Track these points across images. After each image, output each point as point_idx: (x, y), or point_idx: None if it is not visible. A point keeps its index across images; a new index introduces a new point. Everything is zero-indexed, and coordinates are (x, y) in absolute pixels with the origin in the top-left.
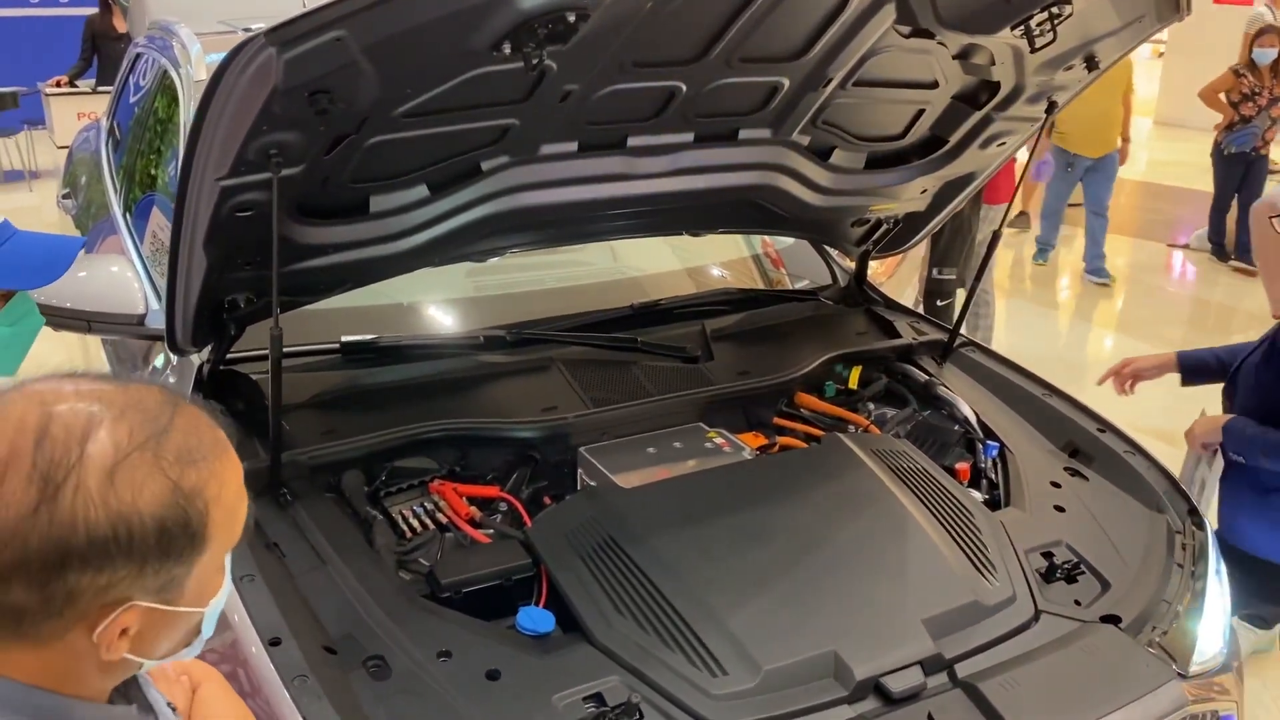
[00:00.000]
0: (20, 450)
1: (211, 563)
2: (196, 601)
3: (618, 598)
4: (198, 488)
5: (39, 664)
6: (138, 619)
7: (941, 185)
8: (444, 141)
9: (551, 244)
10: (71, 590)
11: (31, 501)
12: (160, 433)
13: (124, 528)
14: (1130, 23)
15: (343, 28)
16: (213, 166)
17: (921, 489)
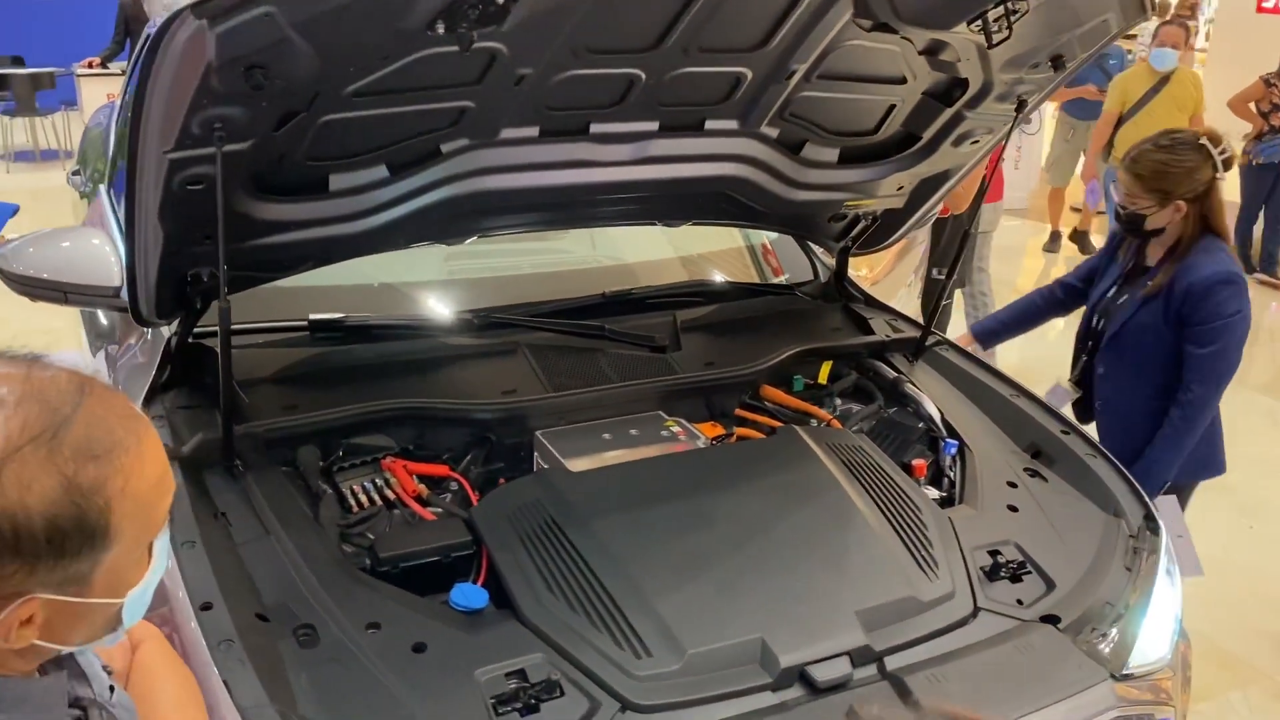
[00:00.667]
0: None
1: (124, 555)
2: (109, 593)
3: (551, 577)
4: (97, 483)
5: None
6: (41, 609)
7: (918, 183)
8: (400, 122)
9: (520, 229)
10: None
11: None
12: (60, 425)
13: (9, 526)
14: (1094, 22)
15: (271, 3)
16: (158, 139)
17: (871, 484)
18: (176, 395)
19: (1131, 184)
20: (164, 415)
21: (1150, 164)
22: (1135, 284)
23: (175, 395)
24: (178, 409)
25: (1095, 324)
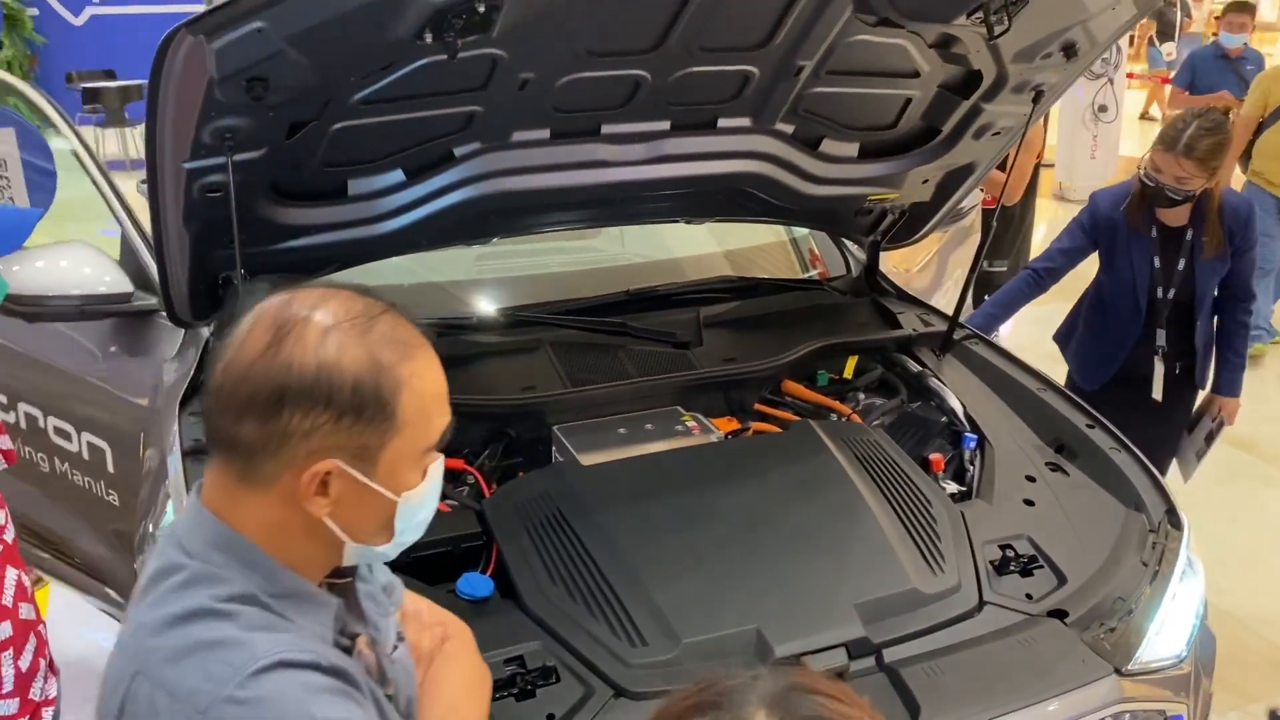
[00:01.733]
0: (266, 315)
1: (405, 449)
2: (389, 484)
3: (554, 567)
4: (392, 365)
5: (259, 515)
6: (336, 480)
7: (943, 175)
8: (411, 127)
9: (542, 230)
10: (285, 429)
11: (264, 345)
12: (371, 316)
13: (326, 377)
14: (1103, 11)
15: (261, 19)
16: (174, 150)
17: (883, 477)
18: None
19: (1192, 168)
20: (200, 412)
21: (1207, 147)
22: (1180, 245)
23: None
24: None
25: (1165, 295)
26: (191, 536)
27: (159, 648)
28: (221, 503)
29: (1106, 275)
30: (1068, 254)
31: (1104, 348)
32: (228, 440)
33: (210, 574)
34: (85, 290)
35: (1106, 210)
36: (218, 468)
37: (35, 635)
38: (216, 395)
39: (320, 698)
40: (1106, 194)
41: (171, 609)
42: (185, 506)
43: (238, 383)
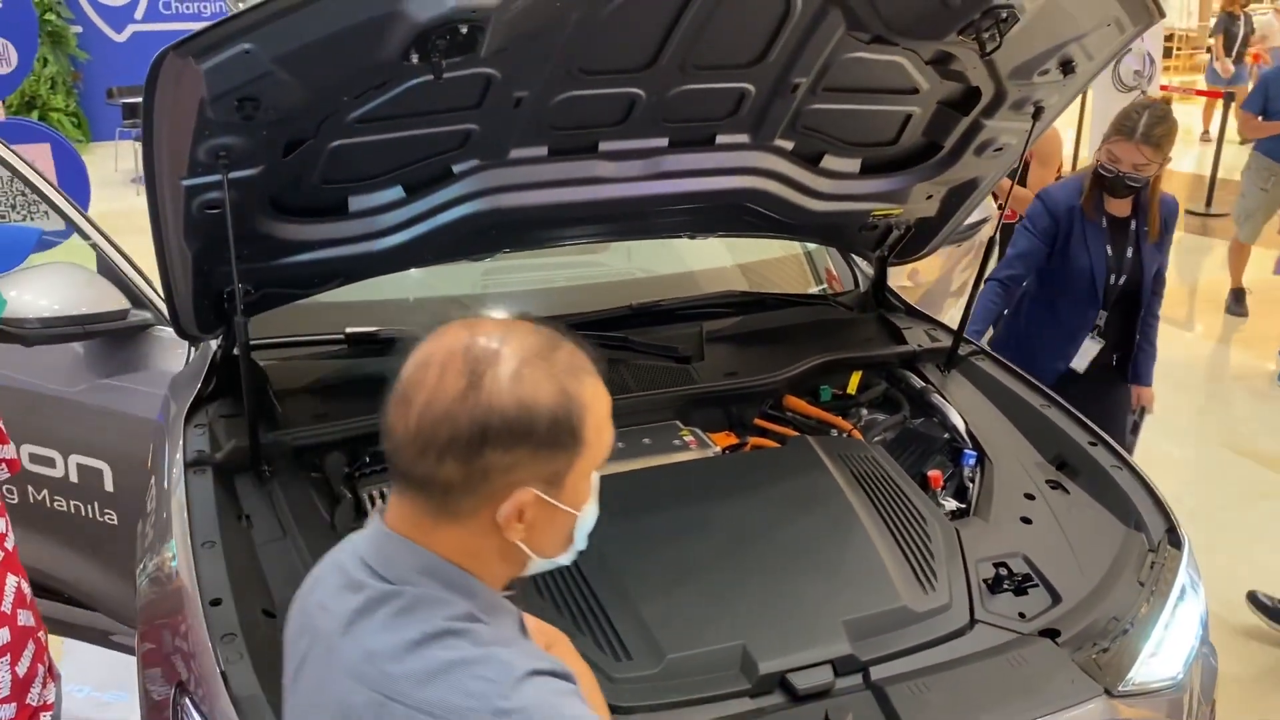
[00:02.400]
0: (455, 354)
1: (583, 468)
2: (572, 503)
3: (542, 580)
4: (577, 394)
5: (455, 542)
6: (531, 506)
7: (947, 191)
8: (409, 145)
9: (545, 245)
10: (485, 467)
11: (460, 389)
12: (552, 349)
13: (526, 414)
14: (1098, 28)
15: (248, 41)
16: (171, 168)
17: (877, 494)
18: (220, 405)
19: (1150, 154)
20: (206, 424)
21: (1161, 133)
22: (1125, 233)
23: (219, 405)
24: (220, 417)
25: (1116, 281)
26: (393, 564)
27: (407, 673)
28: (416, 533)
29: (1062, 267)
30: (1025, 258)
31: (1058, 340)
32: (423, 479)
33: (429, 597)
34: (81, 309)
35: (1064, 204)
36: (410, 502)
37: (34, 641)
38: (414, 438)
39: (568, 700)
40: (1058, 190)
41: (406, 634)
42: (367, 537)
43: (437, 425)
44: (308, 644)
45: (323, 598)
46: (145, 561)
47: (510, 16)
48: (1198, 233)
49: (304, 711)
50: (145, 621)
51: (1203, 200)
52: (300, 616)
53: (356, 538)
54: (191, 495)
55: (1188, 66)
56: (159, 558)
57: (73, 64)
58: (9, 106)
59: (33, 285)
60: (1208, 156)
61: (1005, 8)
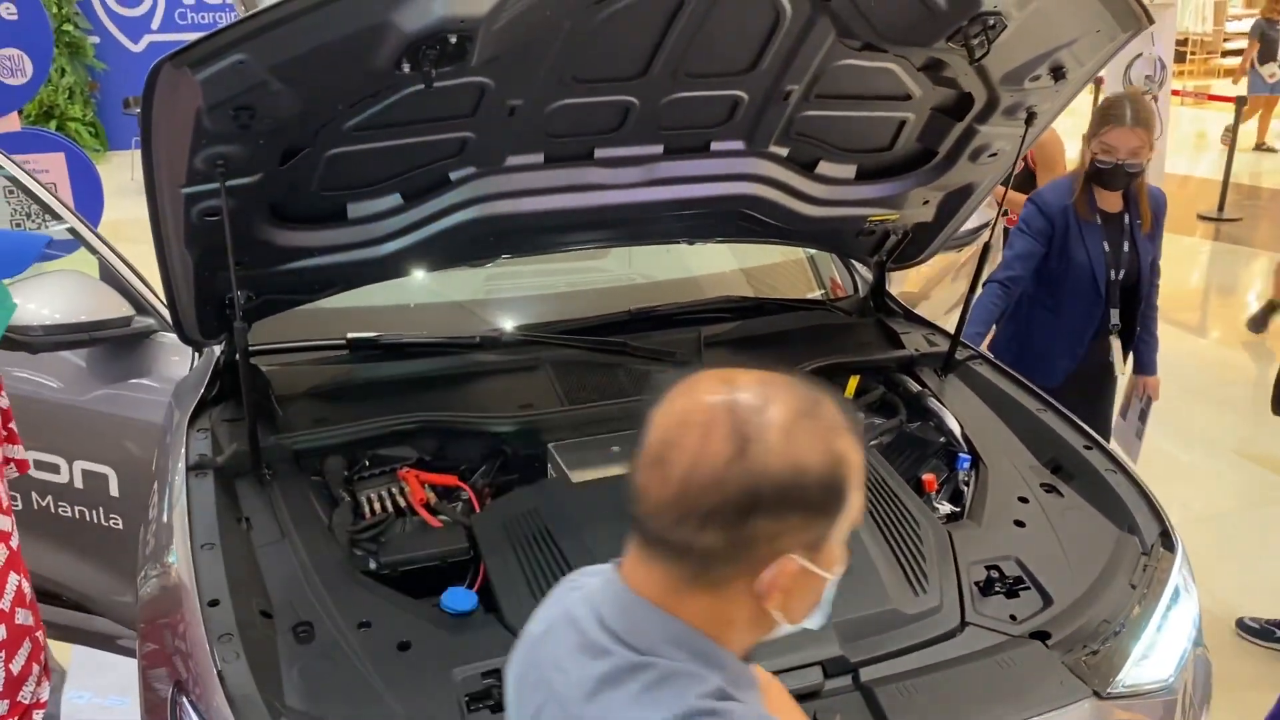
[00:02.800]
0: (718, 414)
1: (841, 531)
2: (828, 566)
3: (536, 582)
4: (843, 454)
5: (706, 610)
6: (791, 574)
7: (943, 196)
8: (405, 153)
9: (544, 251)
10: (751, 535)
11: (729, 454)
12: (815, 406)
13: (798, 478)
14: (1086, 34)
15: (241, 51)
16: (171, 177)
17: (871, 498)
18: (222, 409)
19: (1145, 135)
20: (209, 428)
21: (1148, 114)
22: (1119, 228)
23: (222, 409)
24: (222, 422)
25: (1116, 276)
26: (639, 632)
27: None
28: (664, 599)
29: (1062, 267)
30: (1023, 259)
31: (1065, 340)
32: (680, 546)
33: (680, 671)
34: (86, 317)
35: (1056, 204)
36: (660, 568)
37: (31, 640)
38: (673, 504)
39: None
40: (1049, 191)
41: (659, 713)
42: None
43: (702, 493)
44: (542, 701)
45: (557, 655)
46: (146, 565)
47: (499, 27)
48: (1210, 238)
49: None
50: (145, 622)
51: (1215, 205)
52: (532, 669)
53: (592, 583)
54: (192, 498)
55: (1202, 71)
56: (160, 560)
57: (90, 74)
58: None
59: (37, 293)
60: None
61: (993, 15)
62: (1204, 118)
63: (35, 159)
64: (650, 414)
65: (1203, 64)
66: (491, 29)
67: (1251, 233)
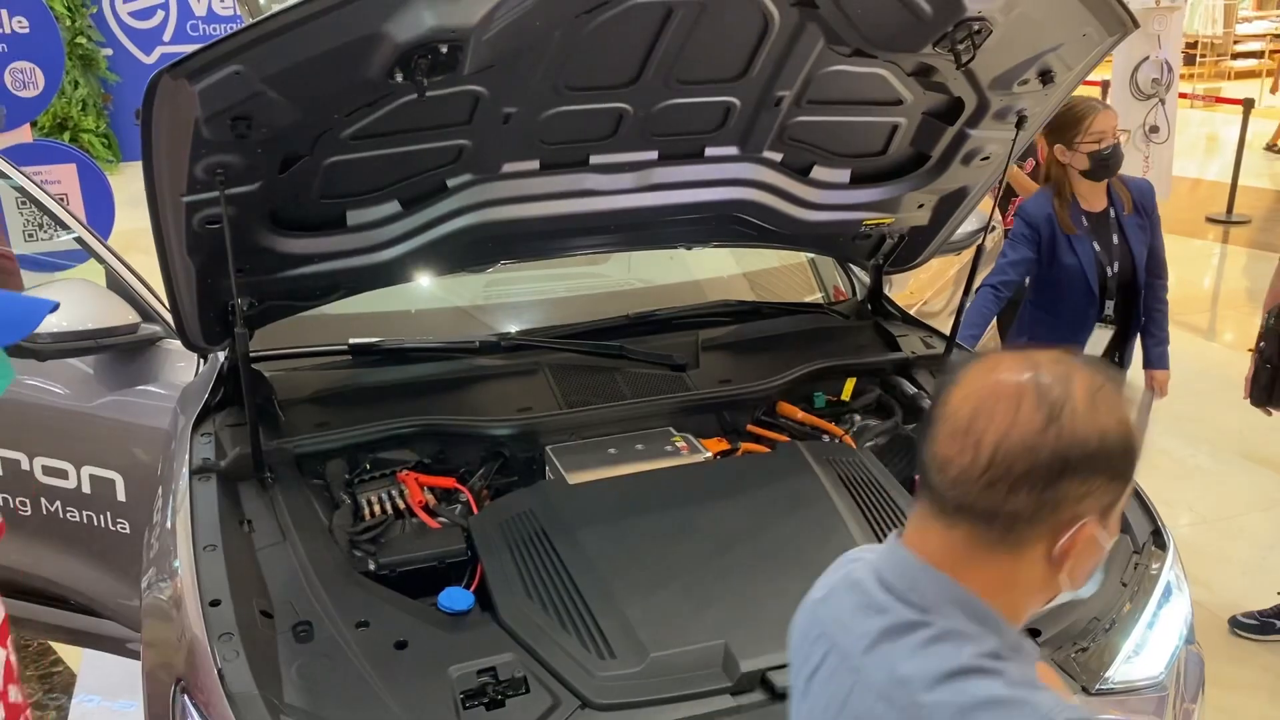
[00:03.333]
0: (1025, 388)
1: (1125, 500)
2: (1111, 534)
3: (531, 582)
4: (1134, 424)
5: (996, 575)
6: (1085, 539)
7: (937, 200)
8: (403, 160)
9: (542, 257)
10: (1058, 498)
11: (1041, 422)
12: (1106, 379)
13: (1102, 444)
14: (1073, 38)
15: (237, 62)
16: (172, 185)
17: (864, 498)
18: (226, 414)
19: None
20: (212, 433)
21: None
22: (1106, 223)
23: (225, 414)
24: (226, 427)
25: (1111, 273)
26: (921, 592)
27: (939, 703)
28: (949, 564)
29: (1053, 271)
30: (1016, 265)
31: (1065, 340)
32: (988, 510)
33: (958, 630)
34: (92, 324)
35: (1040, 214)
36: (958, 532)
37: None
38: (985, 470)
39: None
40: (1031, 205)
41: (938, 664)
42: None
43: (1015, 458)
44: (822, 654)
45: (839, 614)
46: (150, 567)
47: (490, 37)
48: (1220, 240)
49: (819, 715)
50: (148, 621)
51: (1224, 207)
52: (814, 627)
53: (870, 556)
54: (195, 501)
55: (1212, 74)
56: (163, 563)
57: (103, 86)
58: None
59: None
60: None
61: (977, 20)
62: (1214, 120)
63: (47, 170)
64: (946, 394)
65: (1213, 67)
66: (482, 39)
67: (1261, 234)
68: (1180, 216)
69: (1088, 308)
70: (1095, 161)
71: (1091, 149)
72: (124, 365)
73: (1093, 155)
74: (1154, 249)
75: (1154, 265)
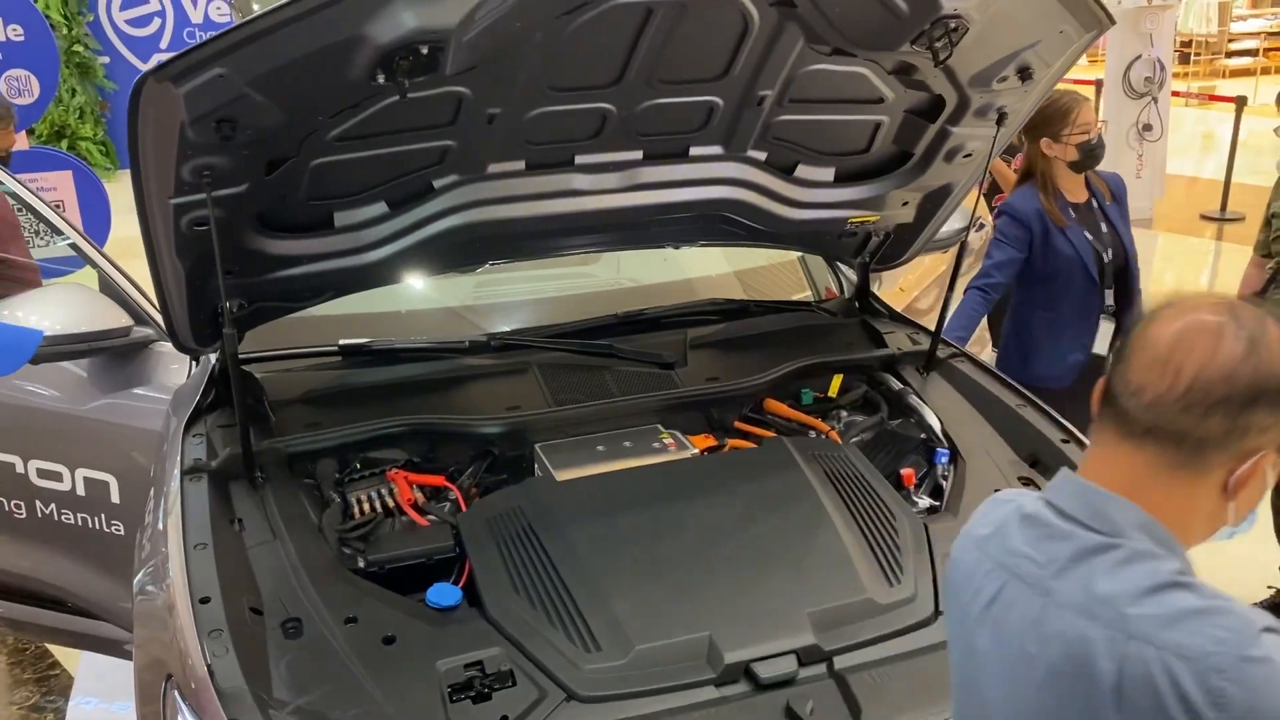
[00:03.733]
0: (1226, 323)
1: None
2: (1275, 473)
3: (519, 578)
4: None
5: (1175, 500)
6: (1259, 472)
7: (922, 197)
8: (389, 162)
9: (530, 257)
10: (1246, 426)
11: (1241, 353)
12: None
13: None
14: (1050, 35)
15: (221, 65)
16: (159, 188)
17: (849, 492)
18: (218, 415)
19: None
20: (204, 433)
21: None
22: (1091, 212)
23: (217, 415)
24: (217, 427)
25: (1106, 259)
26: (1105, 518)
27: (1147, 615)
28: (1133, 488)
29: (1050, 265)
30: (1003, 266)
31: (1072, 332)
32: (1179, 433)
33: (1146, 551)
34: (85, 327)
35: (1029, 210)
36: (1143, 456)
37: None
38: (1183, 394)
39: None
40: (1018, 200)
41: (1137, 581)
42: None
43: (1213, 383)
44: (999, 585)
45: (1013, 546)
46: (141, 568)
47: (470, 38)
48: (1214, 237)
49: (1007, 639)
50: (140, 620)
51: (1217, 204)
52: (984, 562)
53: (1030, 493)
54: (186, 500)
55: (1207, 72)
56: (155, 562)
57: (100, 94)
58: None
59: (38, 305)
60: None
61: (954, 18)
62: (1209, 118)
63: (43, 177)
64: (1142, 328)
65: (1208, 65)
66: (462, 40)
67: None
68: (1175, 214)
69: (1091, 297)
70: (1083, 152)
71: (1080, 140)
72: (117, 368)
73: (1081, 146)
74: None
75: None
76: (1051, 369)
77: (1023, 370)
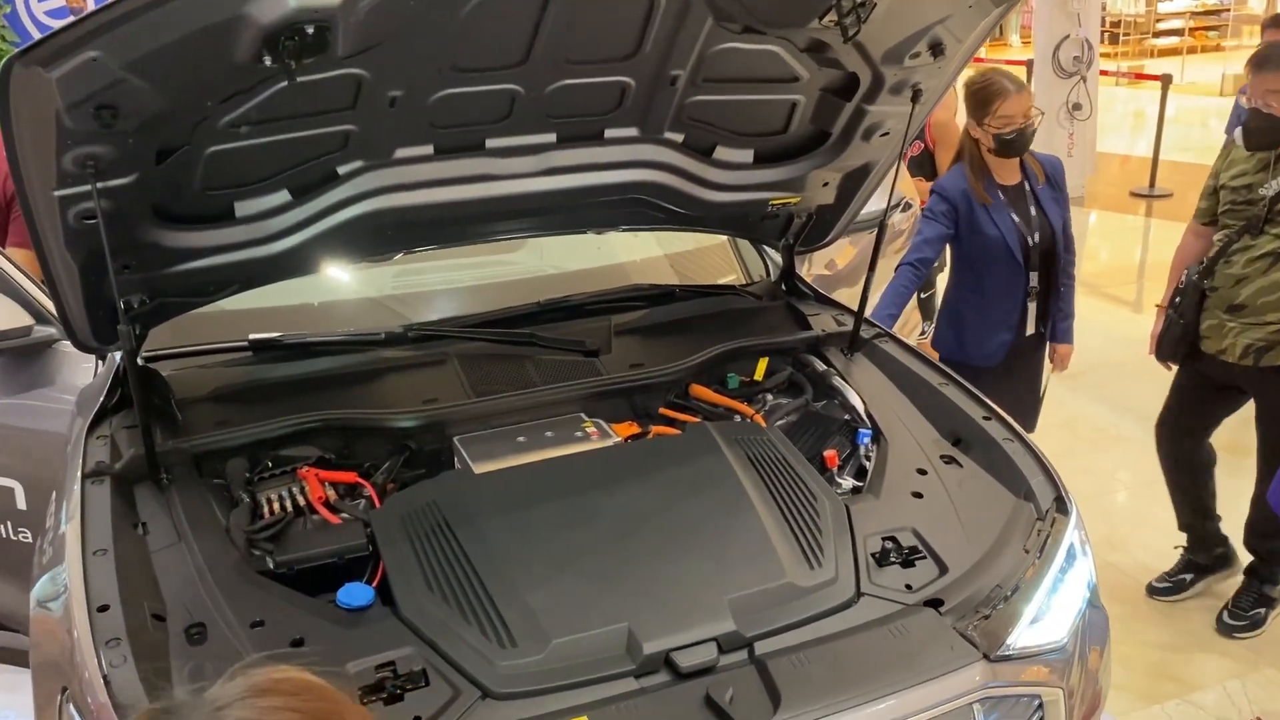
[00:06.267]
0: None
1: None
2: None
3: (433, 575)
4: None
5: None
6: None
7: (842, 177)
8: (289, 148)
9: (445, 245)
10: None
11: None
12: None
13: None
14: (959, 10)
15: (93, 48)
16: (41, 180)
17: (770, 475)
18: (123, 416)
19: (1029, 94)
20: (109, 435)
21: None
22: (1023, 196)
23: (123, 416)
24: (123, 428)
25: (1032, 242)
26: None
27: None
28: None
29: (977, 246)
30: (932, 243)
31: (999, 312)
32: None
33: None
34: None
35: (957, 189)
36: None
37: None
38: None
39: None
40: (948, 180)
41: None
42: None
43: None
44: None
45: None
46: (40, 575)
47: (358, 18)
48: (1144, 214)
49: None
50: (36, 631)
51: (1146, 181)
52: None
53: None
54: (87, 505)
55: (1136, 52)
56: (52, 569)
57: None
58: None
59: None
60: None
61: None
62: (1139, 97)
63: None
64: None
65: (1137, 44)
66: (349, 20)
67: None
68: (1106, 192)
69: (1014, 276)
70: (999, 143)
71: (997, 131)
72: (19, 369)
73: (997, 137)
74: (1064, 223)
75: (1064, 240)
76: (981, 348)
77: (956, 349)
